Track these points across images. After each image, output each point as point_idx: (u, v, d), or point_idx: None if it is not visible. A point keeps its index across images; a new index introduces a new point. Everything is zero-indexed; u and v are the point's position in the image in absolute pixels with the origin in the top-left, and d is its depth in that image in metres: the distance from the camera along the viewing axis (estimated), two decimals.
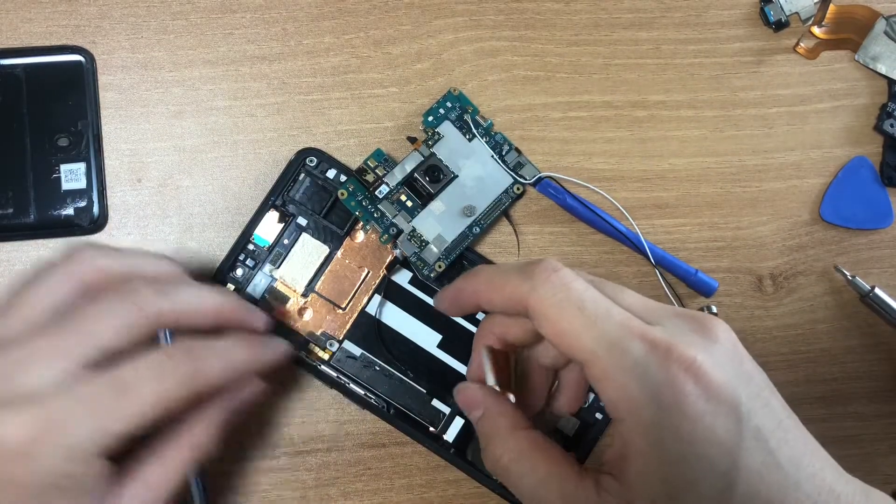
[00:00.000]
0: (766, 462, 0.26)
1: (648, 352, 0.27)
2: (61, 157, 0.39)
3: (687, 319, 0.29)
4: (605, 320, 0.28)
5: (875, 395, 0.43)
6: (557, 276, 0.29)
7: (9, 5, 0.40)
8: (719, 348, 0.28)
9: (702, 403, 0.26)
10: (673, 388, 0.26)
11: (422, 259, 0.39)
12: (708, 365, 0.27)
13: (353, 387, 0.39)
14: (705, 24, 0.43)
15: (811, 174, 0.43)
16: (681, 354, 0.26)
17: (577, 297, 0.28)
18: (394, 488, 0.40)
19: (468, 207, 0.39)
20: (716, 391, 0.26)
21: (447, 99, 0.40)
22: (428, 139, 0.40)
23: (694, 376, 0.26)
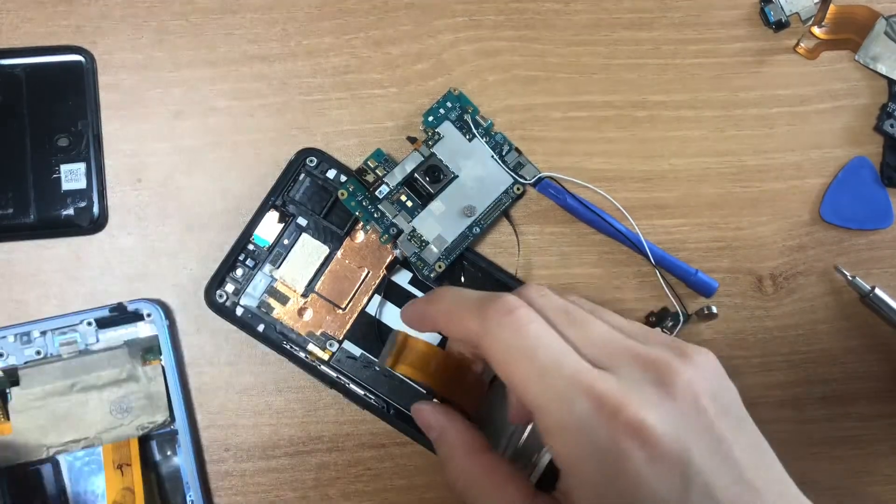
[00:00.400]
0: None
1: (594, 411, 0.26)
2: (61, 157, 0.40)
3: (649, 368, 0.27)
4: (555, 372, 0.27)
5: (875, 395, 0.43)
6: (511, 319, 0.28)
7: (9, 5, 0.40)
8: (675, 404, 0.27)
9: (645, 467, 0.25)
10: (616, 452, 0.26)
11: (422, 259, 0.39)
12: (657, 426, 0.26)
13: (353, 387, 0.39)
14: (706, 25, 0.43)
15: (811, 174, 0.43)
16: (628, 417, 0.26)
17: (530, 344, 0.27)
18: (394, 489, 0.41)
19: (468, 207, 0.39)
20: (661, 453, 0.26)
21: (447, 99, 0.41)
22: (428, 139, 0.40)
23: (640, 440, 0.26)
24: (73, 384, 0.38)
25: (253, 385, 0.40)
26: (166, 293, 0.40)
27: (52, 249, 0.40)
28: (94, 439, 0.38)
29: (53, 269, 0.40)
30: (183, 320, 0.40)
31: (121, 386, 0.38)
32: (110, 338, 0.39)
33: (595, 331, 0.29)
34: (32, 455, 0.37)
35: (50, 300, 0.39)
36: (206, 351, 0.40)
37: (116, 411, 0.38)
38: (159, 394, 0.38)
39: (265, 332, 0.39)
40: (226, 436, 0.40)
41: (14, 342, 0.38)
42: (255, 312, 0.39)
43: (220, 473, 0.40)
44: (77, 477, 0.39)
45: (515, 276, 0.41)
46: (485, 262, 0.41)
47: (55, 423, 0.37)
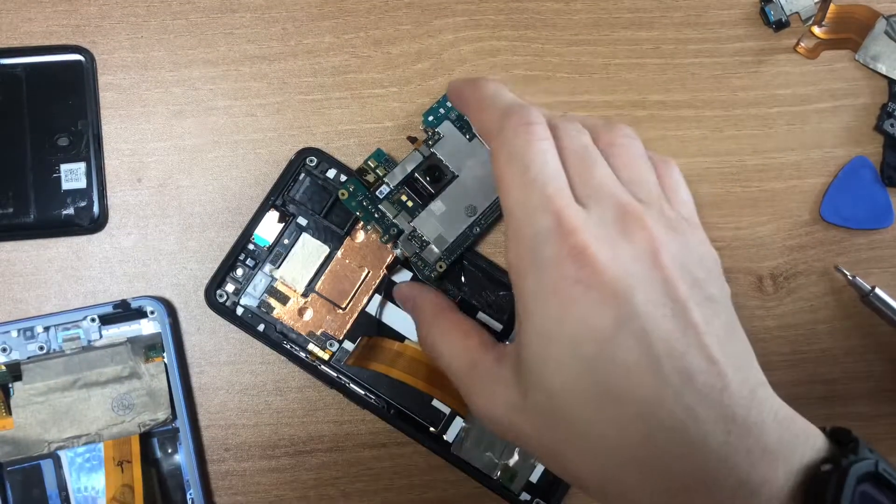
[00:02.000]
0: (642, 363, 0.26)
1: (551, 229, 0.28)
2: (61, 157, 0.41)
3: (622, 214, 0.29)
4: (537, 188, 0.29)
5: (875, 395, 0.44)
6: (525, 129, 0.30)
7: (9, 5, 0.41)
8: (629, 247, 0.28)
9: (579, 289, 0.27)
10: (556, 266, 0.27)
11: (422, 259, 0.40)
12: (601, 257, 0.27)
13: (353, 387, 0.41)
14: (705, 24, 0.45)
15: (811, 174, 0.45)
16: (577, 240, 0.27)
17: (529, 157, 0.29)
18: (394, 488, 0.42)
19: (469, 207, 0.40)
20: (600, 282, 0.27)
21: (447, 99, 0.41)
22: (428, 139, 0.41)
23: (579, 262, 0.27)
24: (76, 380, 0.39)
25: (253, 385, 0.41)
26: (166, 293, 0.41)
27: (52, 249, 0.41)
28: (96, 436, 0.39)
29: (53, 268, 0.41)
30: (183, 320, 0.41)
31: (123, 383, 0.39)
32: (113, 334, 0.40)
33: (596, 174, 0.30)
34: (33, 450, 0.39)
35: (50, 300, 0.41)
36: (206, 351, 0.41)
37: (118, 408, 0.39)
38: (161, 391, 0.40)
39: (265, 331, 0.40)
40: (226, 435, 0.41)
41: (17, 337, 0.39)
42: (255, 312, 0.41)
43: (221, 473, 0.41)
44: (77, 473, 0.40)
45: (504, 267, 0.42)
46: (485, 262, 0.42)
47: (57, 419, 0.39)
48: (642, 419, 0.27)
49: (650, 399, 0.26)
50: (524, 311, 0.29)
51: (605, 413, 0.27)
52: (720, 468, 0.26)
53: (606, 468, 0.28)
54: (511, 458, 0.41)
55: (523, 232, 0.29)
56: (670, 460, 0.26)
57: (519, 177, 0.29)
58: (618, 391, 0.27)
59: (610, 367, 0.27)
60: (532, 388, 0.29)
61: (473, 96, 0.34)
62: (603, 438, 0.27)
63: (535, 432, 0.29)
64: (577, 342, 0.27)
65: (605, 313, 0.27)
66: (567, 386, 0.28)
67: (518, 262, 0.29)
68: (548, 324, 0.28)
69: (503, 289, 0.42)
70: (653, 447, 0.27)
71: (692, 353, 0.27)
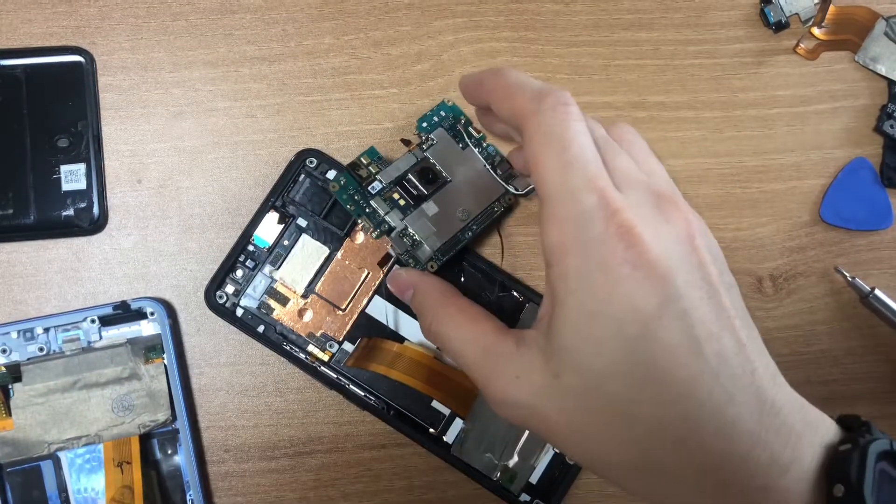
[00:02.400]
0: (684, 345, 0.27)
1: (597, 207, 0.28)
2: (61, 158, 0.41)
3: (655, 196, 0.30)
4: (578, 168, 0.29)
5: (876, 396, 0.45)
6: (563, 110, 0.30)
7: (9, 6, 0.42)
8: (670, 229, 0.29)
9: (627, 268, 0.27)
10: (604, 245, 0.28)
11: (414, 257, 0.39)
12: (647, 237, 0.28)
13: (353, 388, 0.41)
14: (705, 25, 0.45)
15: (811, 175, 0.45)
16: (623, 219, 0.28)
17: (568, 137, 0.29)
18: (394, 490, 0.42)
19: (462, 211, 0.40)
20: (646, 262, 0.27)
21: (441, 108, 0.42)
22: (422, 143, 0.41)
23: (627, 241, 0.27)
24: (76, 381, 0.39)
25: (253, 386, 0.42)
26: (166, 294, 0.42)
27: (52, 250, 0.41)
28: (95, 437, 0.39)
29: (53, 269, 0.41)
30: (183, 321, 0.42)
31: (123, 384, 0.40)
32: (113, 336, 0.40)
33: (623, 160, 0.31)
34: (33, 451, 0.39)
35: (50, 301, 0.41)
36: (206, 352, 0.42)
37: (118, 409, 0.39)
38: (161, 392, 0.40)
39: (265, 333, 0.41)
40: (226, 437, 0.41)
41: (17, 338, 0.39)
42: (255, 313, 0.41)
43: (221, 474, 0.41)
44: (77, 474, 0.40)
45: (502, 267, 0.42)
46: (484, 263, 0.42)
47: (56, 420, 0.39)
48: (684, 399, 0.27)
49: (691, 379, 0.27)
50: (566, 291, 0.29)
51: (648, 393, 0.28)
52: (754, 447, 0.27)
53: (645, 448, 0.28)
54: (511, 459, 0.41)
55: (567, 211, 0.28)
56: (707, 439, 0.27)
57: (558, 156, 0.29)
58: (660, 371, 0.27)
59: (653, 347, 0.27)
60: (567, 370, 0.29)
61: (499, 83, 0.34)
62: (644, 418, 0.28)
63: (564, 417, 0.29)
64: (623, 321, 0.27)
65: (651, 293, 0.27)
66: (610, 365, 0.28)
67: (561, 241, 0.29)
68: (593, 302, 0.28)
69: (502, 290, 0.42)
70: (692, 426, 0.27)
71: (726, 336, 0.28)
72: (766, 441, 0.27)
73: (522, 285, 0.42)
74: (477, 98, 0.36)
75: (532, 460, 0.41)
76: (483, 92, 0.35)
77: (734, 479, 0.28)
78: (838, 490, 0.27)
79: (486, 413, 0.41)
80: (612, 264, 0.27)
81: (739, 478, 0.27)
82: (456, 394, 0.40)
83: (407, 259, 0.39)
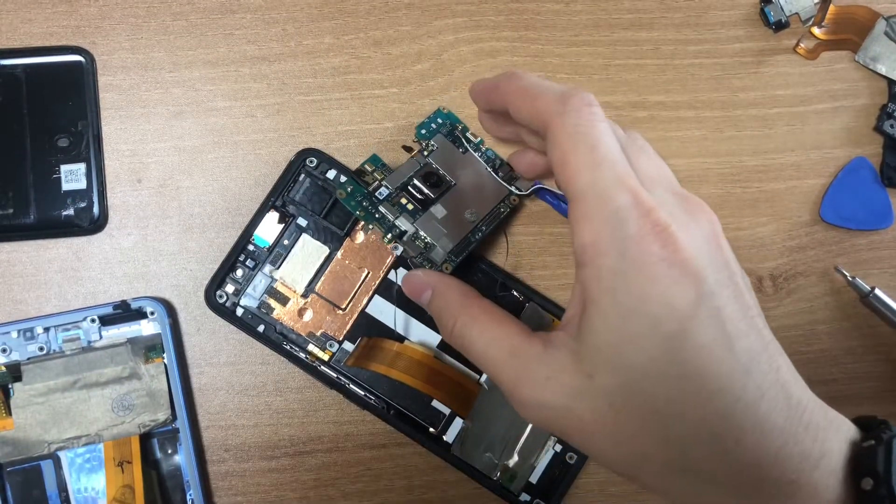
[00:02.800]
0: (718, 341, 0.27)
1: (631, 206, 0.28)
2: (61, 158, 0.41)
3: (679, 196, 0.30)
4: (608, 167, 0.29)
5: (875, 395, 0.45)
6: (588, 111, 0.30)
7: (9, 5, 0.42)
8: (698, 228, 0.29)
9: (663, 267, 0.27)
10: (640, 243, 0.28)
11: (429, 260, 0.39)
12: (680, 236, 0.28)
13: (353, 387, 0.41)
14: (705, 25, 0.45)
15: (811, 175, 0.45)
16: (657, 217, 0.28)
17: (596, 136, 0.30)
18: (394, 489, 0.42)
19: (470, 212, 0.40)
20: (681, 261, 0.28)
21: (437, 116, 0.42)
22: (423, 149, 0.41)
23: (663, 240, 0.28)
24: (76, 381, 0.39)
25: (253, 385, 0.42)
26: (166, 293, 0.42)
27: (52, 250, 0.41)
28: (96, 436, 0.39)
29: (53, 269, 0.41)
30: (183, 321, 0.42)
31: (123, 383, 0.40)
32: (113, 335, 0.40)
33: (645, 162, 0.31)
34: (33, 451, 0.39)
35: (50, 300, 0.41)
36: (206, 351, 0.42)
37: (118, 408, 0.39)
38: (161, 392, 0.40)
39: (265, 332, 0.41)
40: (226, 436, 0.42)
41: (17, 338, 0.39)
42: (255, 313, 0.41)
43: (221, 474, 0.41)
44: (77, 473, 0.40)
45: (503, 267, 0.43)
46: (485, 263, 0.42)
47: (57, 420, 0.39)
48: (720, 395, 0.27)
49: (726, 376, 0.27)
50: (600, 290, 0.29)
51: (685, 391, 0.28)
52: (786, 442, 0.28)
53: (682, 447, 0.28)
54: (511, 458, 0.41)
55: (601, 210, 0.29)
56: (743, 436, 0.28)
57: (587, 155, 0.29)
58: (697, 368, 0.28)
59: (689, 344, 0.27)
60: (601, 370, 0.29)
61: (517, 86, 0.34)
62: (681, 417, 0.28)
63: (598, 417, 0.29)
64: (660, 319, 0.27)
65: (686, 291, 0.27)
66: (646, 364, 0.28)
67: (595, 240, 0.29)
68: (629, 301, 0.28)
69: (503, 290, 0.42)
70: (728, 424, 0.28)
71: (753, 334, 0.28)
72: (797, 436, 0.28)
73: (523, 285, 0.43)
74: (491, 101, 0.36)
75: (532, 460, 0.42)
76: (499, 95, 0.35)
77: (768, 475, 0.28)
78: (867, 483, 0.28)
79: (486, 413, 0.41)
80: (648, 262, 0.28)
81: (774, 474, 0.28)
82: (456, 393, 0.41)
83: (422, 261, 0.39)
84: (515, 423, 0.42)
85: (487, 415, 0.41)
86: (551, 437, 0.42)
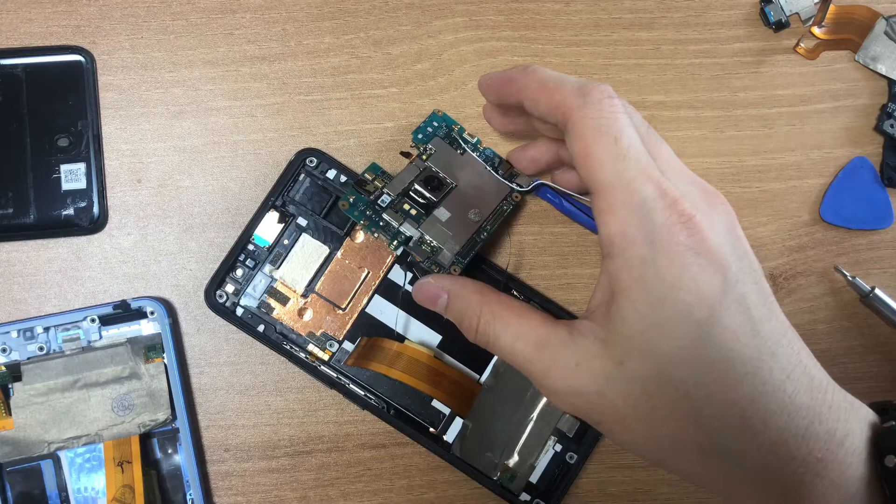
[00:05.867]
0: (745, 326, 0.29)
1: (657, 197, 0.29)
2: (61, 158, 0.41)
3: (698, 187, 0.31)
4: (632, 158, 0.30)
5: (875, 395, 0.44)
6: (610, 103, 0.31)
7: (9, 5, 0.42)
8: (719, 218, 0.30)
9: (691, 255, 0.29)
10: (668, 233, 0.29)
11: (437, 263, 0.39)
12: (705, 226, 0.29)
13: (353, 387, 0.41)
14: (705, 25, 0.45)
15: (811, 175, 0.45)
16: (683, 208, 0.29)
17: (618, 128, 0.30)
18: (394, 489, 0.42)
19: (474, 213, 0.40)
20: (707, 249, 0.29)
21: (433, 118, 0.42)
22: (421, 154, 0.41)
23: (689, 229, 0.29)
24: (76, 380, 0.39)
25: (253, 385, 0.42)
26: (166, 293, 0.42)
27: (52, 249, 0.41)
28: (96, 436, 0.39)
29: (53, 269, 0.41)
30: (183, 320, 0.42)
31: (123, 383, 0.40)
32: (113, 335, 0.40)
33: (665, 150, 0.32)
34: (33, 450, 0.39)
35: (50, 300, 0.41)
36: (206, 351, 0.42)
37: (118, 408, 0.40)
38: (161, 391, 0.40)
39: (265, 332, 0.41)
40: (226, 436, 0.42)
41: (17, 338, 0.39)
42: (255, 313, 0.41)
43: (221, 474, 0.42)
44: (77, 473, 0.40)
45: (506, 269, 0.43)
46: (485, 262, 0.42)
47: (56, 419, 0.39)
48: (749, 377, 0.29)
49: (754, 359, 0.29)
50: (630, 279, 0.29)
51: (715, 374, 0.29)
52: (812, 421, 0.29)
53: (712, 430, 0.29)
54: (511, 458, 0.41)
55: (628, 201, 0.29)
56: (771, 417, 0.29)
57: (611, 147, 0.30)
58: (727, 352, 0.28)
59: (719, 329, 0.28)
60: (632, 356, 0.29)
61: (534, 79, 0.34)
62: (711, 400, 0.29)
63: (630, 402, 0.30)
64: (691, 305, 0.28)
65: (714, 279, 0.29)
66: (677, 350, 0.29)
67: (622, 231, 0.29)
68: (660, 288, 0.29)
69: (503, 289, 0.42)
70: (757, 405, 0.29)
71: (774, 319, 0.30)
72: (822, 415, 0.29)
73: (523, 284, 0.43)
74: (505, 95, 0.36)
75: (532, 460, 0.42)
76: (513, 88, 0.35)
77: (797, 454, 0.29)
78: (890, 461, 0.29)
79: (486, 413, 0.41)
80: (677, 251, 0.29)
81: (801, 452, 0.29)
82: (456, 393, 0.41)
83: (429, 266, 0.39)
84: (515, 423, 0.42)
85: (487, 415, 0.41)
86: (551, 436, 0.42)
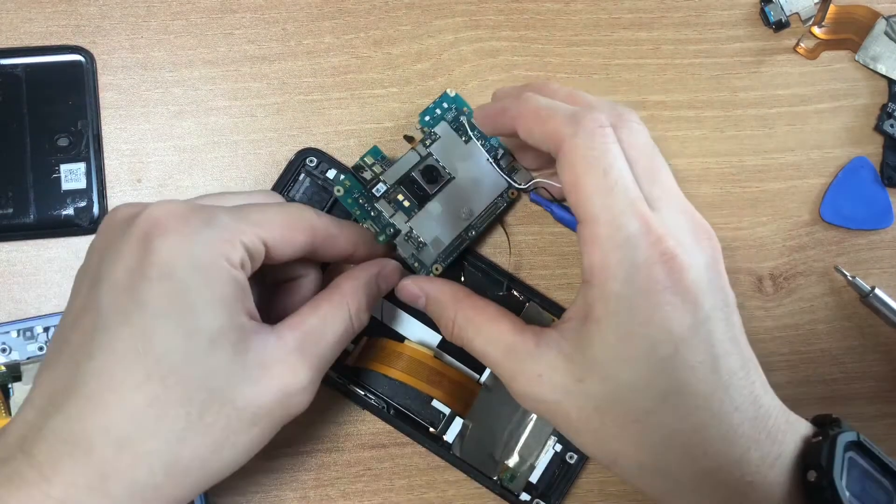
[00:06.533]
0: (706, 363, 0.30)
1: (641, 234, 0.29)
2: (61, 157, 0.41)
3: (688, 217, 0.32)
4: (620, 192, 0.30)
5: (875, 395, 0.45)
6: (601, 133, 0.31)
7: (9, 5, 0.42)
8: (702, 256, 0.31)
9: (668, 294, 0.29)
10: (649, 271, 0.29)
11: (420, 260, 0.40)
12: (686, 264, 0.30)
13: (353, 387, 0.41)
14: (705, 25, 0.45)
15: (811, 174, 0.45)
16: (666, 246, 0.29)
17: (608, 160, 0.30)
18: (394, 489, 0.42)
19: (465, 209, 0.40)
20: (684, 288, 0.29)
21: (443, 100, 0.42)
22: (424, 139, 0.41)
23: (669, 269, 0.29)
24: None
25: None
26: None
27: (51, 249, 0.41)
28: None
29: (53, 268, 0.41)
30: None
31: None
32: None
33: (661, 175, 0.32)
34: None
35: (50, 300, 0.41)
36: None
37: None
38: None
39: None
40: None
41: (17, 337, 0.39)
42: None
43: None
44: None
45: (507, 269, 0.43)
46: (485, 262, 0.42)
47: None
48: (699, 411, 0.30)
49: (707, 393, 0.30)
50: (605, 311, 0.30)
51: (667, 405, 0.30)
52: (749, 449, 0.30)
53: (656, 453, 0.31)
54: (511, 458, 0.41)
55: (612, 235, 0.30)
56: (712, 444, 0.30)
57: (600, 179, 0.30)
58: (682, 386, 0.30)
59: (680, 365, 0.30)
60: (592, 377, 0.31)
61: (526, 108, 0.34)
62: (659, 427, 0.30)
63: (583, 415, 0.31)
64: (657, 342, 0.29)
65: (684, 318, 0.29)
66: (636, 380, 0.30)
67: (604, 264, 0.30)
68: (631, 324, 0.30)
69: (503, 289, 0.42)
70: (701, 435, 0.30)
71: (736, 353, 0.31)
72: (759, 442, 0.30)
73: (523, 284, 0.43)
74: (500, 126, 0.36)
75: (532, 460, 0.42)
76: (507, 118, 0.35)
77: (729, 479, 0.30)
78: (811, 475, 0.30)
79: (486, 413, 0.41)
80: (654, 290, 0.29)
81: (734, 477, 0.30)
82: (456, 393, 0.41)
83: (412, 262, 0.39)
84: (515, 422, 0.42)
85: (487, 415, 0.41)
86: (551, 437, 0.42)
